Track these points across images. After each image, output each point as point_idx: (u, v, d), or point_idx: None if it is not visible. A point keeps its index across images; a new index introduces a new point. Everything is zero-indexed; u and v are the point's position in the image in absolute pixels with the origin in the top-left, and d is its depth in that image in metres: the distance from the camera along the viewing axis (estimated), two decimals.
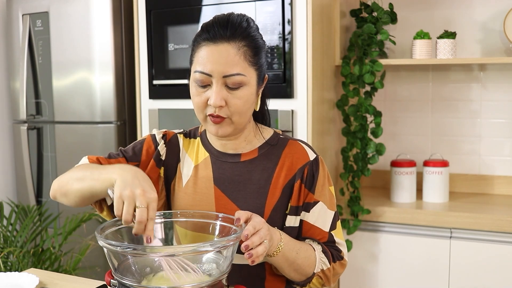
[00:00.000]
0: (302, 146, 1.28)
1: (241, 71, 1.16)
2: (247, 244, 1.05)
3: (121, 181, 1.06)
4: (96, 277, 2.39)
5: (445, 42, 2.34)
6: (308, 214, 1.25)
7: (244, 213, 1.11)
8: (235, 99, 1.16)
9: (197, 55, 1.19)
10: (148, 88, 2.44)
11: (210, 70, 1.15)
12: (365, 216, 2.33)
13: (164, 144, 1.32)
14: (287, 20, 2.13)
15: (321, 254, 1.24)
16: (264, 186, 1.24)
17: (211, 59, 1.15)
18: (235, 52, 1.15)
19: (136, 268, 1.07)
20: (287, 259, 1.17)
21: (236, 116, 1.18)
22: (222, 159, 1.27)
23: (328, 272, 1.25)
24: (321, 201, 1.25)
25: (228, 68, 1.15)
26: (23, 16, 2.73)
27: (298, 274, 1.21)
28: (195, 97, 1.20)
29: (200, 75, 1.17)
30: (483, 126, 2.54)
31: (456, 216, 2.19)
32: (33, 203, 2.76)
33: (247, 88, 1.18)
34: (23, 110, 2.76)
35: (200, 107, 1.19)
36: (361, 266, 2.38)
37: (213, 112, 1.17)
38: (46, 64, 2.70)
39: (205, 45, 1.17)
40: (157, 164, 1.30)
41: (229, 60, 1.14)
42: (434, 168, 2.39)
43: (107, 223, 1.12)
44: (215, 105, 1.15)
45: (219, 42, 1.15)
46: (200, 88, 1.18)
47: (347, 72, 2.39)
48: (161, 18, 2.37)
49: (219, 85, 1.16)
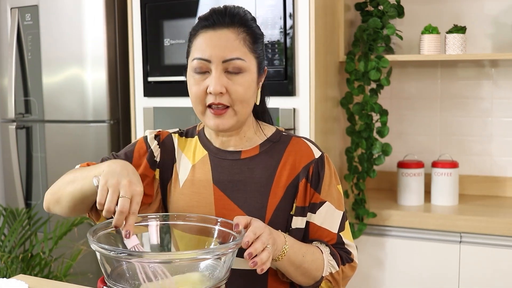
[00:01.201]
0: (307, 143, 1.27)
1: (241, 55, 1.16)
2: (250, 252, 1.03)
3: (108, 170, 1.08)
4: (88, 284, 2.41)
5: (455, 37, 2.33)
6: (315, 215, 1.23)
7: (243, 218, 1.09)
8: (236, 86, 1.16)
9: (195, 43, 1.19)
10: (143, 85, 2.43)
11: (209, 55, 1.15)
12: (371, 220, 2.32)
13: (157, 144, 1.31)
14: (289, 14, 2.12)
15: (329, 256, 1.22)
16: (266, 184, 1.22)
17: (210, 44, 1.16)
18: (235, 37, 1.16)
19: (130, 274, 1.05)
20: (293, 262, 1.15)
21: (238, 105, 1.17)
22: (221, 157, 1.26)
23: (337, 276, 1.22)
24: (328, 201, 1.24)
25: (228, 53, 1.15)
26: (12, 10, 2.72)
27: (306, 278, 1.19)
28: (193, 86, 1.19)
29: (198, 61, 1.17)
30: (495, 125, 2.53)
31: (466, 220, 2.18)
32: (22, 206, 2.76)
33: (248, 75, 1.18)
34: (11, 108, 2.74)
35: (199, 97, 1.18)
36: (366, 272, 2.36)
37: (213, 101, 1.16)
38: (36, 60, 2.68)
39: (203, 32, 1.18)
40: (151, 165, 1.29)
41: (228, 45, 1.15)
42: (443, 169, 2.38)
43: (99, 225, 1.10)
44: (215, 91, 1.14)
45: (218, 28, 1.16)
46: (198, 76, 1.18)
47: (352, 68, 2.38)
48: (157, 12, 2.36)
49: (218, 71, 1.15)
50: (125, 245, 1.07)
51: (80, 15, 2.53)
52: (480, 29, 2.48)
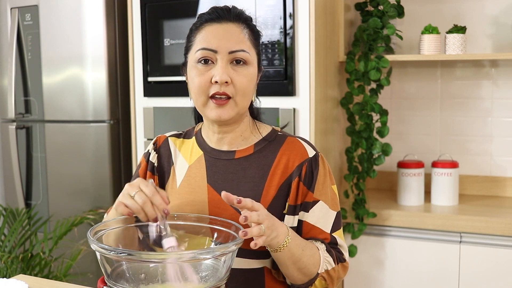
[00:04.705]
0: (301, 143, 1.28)
1: (246, 48, 1.20)
2: (245, 216, 1.04)
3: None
4: (88, 284, 2.41)
5: (455, 37, 2.32)
6: (308, 214, 1.23)
7: (250, 201, 1.08)
8: (240, 76, 1.19)
9: (198, 36, 1.22)
10: (143, 85, 2.42)
11: (216, 46, 1.18)
12: (371, 220, 2.31)
13: (155, 151, 1.35)
14: (289, 14, 2.11)
15: (325, 253, 1.22)
16: (259, 183, 1.23)
17: (216, 35, 1.19)
18: (240, 30, 1.21)
19: (130, 274, 1.05)
20: (292, 255, 1.15)
21: (240, 96, 1.20)
22: (215, 157, 1.28)
23: (333, 273, 1.22)
24: (321, 200, 1.24)
25: (235, 44, 1.19)
26: (12, 10, 2.71)
27: (301, 274, 1.19)
28: (197, 77, 1.20)
29: (204, 51, 1.19)
30: (495, 125, 2.52)
31: (466, 220, 2.17)
32: (22, 206, 2.75)
33: (251, 68, 1.21)
34: (11, 108, 2.73)
35: (203, 87, 1.19)
36: (366, 272, 2.35)
37: (218, 90, 1.18)
38: (36, 60, 2.67)
39: (208, 25, 1.21)
40: (152, 172, 1.34)
41: (234, 37, 1.19)
42: (443, 170, 2.37)
43: (99, 225, 1.12)
44: (221, 80, 1.17)
45: (224, 22, 1.20)
46: (203, 67, 1.20)
47: (352, 68, 2.37)
48: (157, 12, 2.35)
49: (224, 61, 1.18)
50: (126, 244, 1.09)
51: (80, 15, 2.52)
52: (480, 29, 2.47)
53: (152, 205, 1.08)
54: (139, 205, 1.07)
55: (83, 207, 2.55)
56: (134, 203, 1.08)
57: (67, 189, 2.61)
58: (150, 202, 1.07)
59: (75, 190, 2.59)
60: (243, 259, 1.21)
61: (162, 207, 1.08)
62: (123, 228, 1.15)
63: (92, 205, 2.55)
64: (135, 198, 1.08)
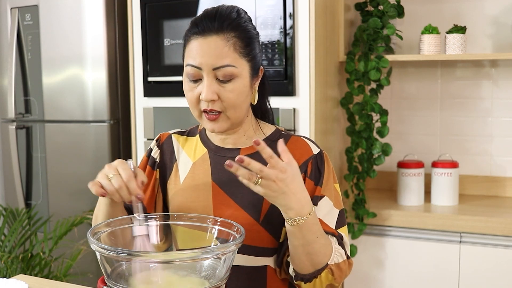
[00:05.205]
0: (305, 141, 1.28)
1: (231, 62, 1.17)
2: (241, 158, 1.01)
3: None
4: (88, 284, 2.41)
5: (455, 37, 2.32)
6: (316, 207, 1.21)
7: (273, 155, 1.04)
8: (227, 93, 1.17)
9: (187, 50, 1.21)
10: (143, 85, 2.42)
11: (200, 63, 1.17)
12: (371, 220, 2.31)
13: (157, 147, 1.35)
14: (289, 14, 2.11)
15: (337, 245, 1.20)
16: None
17: (200, 52, 1.17)
18: (224, 43, 1.16)
19: (130, 274, 1.04)
20: (304, 236, 1.11)
21: (230, 111, 1.19)
22: (220, 154, 1.28)
23: (344, 265, 1.18)
24: (326, 196, 1.23)
25: (218, 60, 1.16)
26: (12, 10, 2.71)
27: (309, 261, 1.14)
28: (188, 93, 1.22)
29: (190, 68, 1.18)
30: (495, 125, 2.52)
31: (466, 220, 2.17)
32: (22, 206, 2.74)
33: (239, 81, 1.18)
34: (11, 108, 2.73)
35: (193, 103, 1.21)
36: (366, 272, 2.35)
37: (206, 107, 1.18)
38: (36, 60, 2.67)
39: (194, 39, 1.19)
40: (152, 167, 1.34)
41: (217, 52, 1.16)
42: (443, 170, 2.37)
43: (99, 225, 1.12)
44: (207, 99, 1.17)
45: (207, 35, 1.17)
46: (191, 83, 1.20)
47: (352, 68, 2.37)
48: (157, 12, 2.35)
49: (209, 78, 1.17)
50: (126, 245, 1.08)
51: (80, 15, 2.52)
52: (480, 29, 2.47)
53: (128, 189, 1.09)
54: (115, 188, 1.09)
55: (83, 207, 2.55)
56: (110, 184, 1.08)
57: (67, 189, 2.61)
58: (125, 187, 1.08)
59: (75, 190, 2.59)
60: (246, 256, 1.21)
61: (136, 192, 1.09)
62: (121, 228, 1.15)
63: (92, 205, 2.55)
64: (112, 181, 1.08)
